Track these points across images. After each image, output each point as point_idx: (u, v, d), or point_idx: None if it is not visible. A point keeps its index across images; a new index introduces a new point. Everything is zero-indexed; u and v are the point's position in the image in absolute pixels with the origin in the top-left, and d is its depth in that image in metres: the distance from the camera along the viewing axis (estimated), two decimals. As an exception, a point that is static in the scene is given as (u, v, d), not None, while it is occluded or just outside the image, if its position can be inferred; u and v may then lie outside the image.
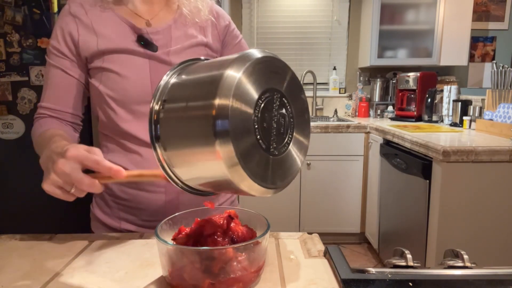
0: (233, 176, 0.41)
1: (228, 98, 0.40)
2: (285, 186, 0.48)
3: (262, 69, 0.44)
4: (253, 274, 0.50)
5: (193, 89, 0.47)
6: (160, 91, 0.49)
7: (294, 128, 0.49)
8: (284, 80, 0.48)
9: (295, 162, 0.49)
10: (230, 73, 0.42)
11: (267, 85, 0.45)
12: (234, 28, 0.90)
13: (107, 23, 0.78)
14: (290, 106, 0.48)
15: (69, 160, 0.53)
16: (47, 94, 0.80)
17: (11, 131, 2.06)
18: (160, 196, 0.79)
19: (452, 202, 1.66)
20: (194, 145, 0.44)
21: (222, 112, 0.40)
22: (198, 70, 0.49)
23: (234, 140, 0.40)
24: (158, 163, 0.48)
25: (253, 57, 0.44)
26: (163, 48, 0.79)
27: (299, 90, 0.51)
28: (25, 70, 2.02)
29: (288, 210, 2.72)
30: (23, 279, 0.54)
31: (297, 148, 0.50)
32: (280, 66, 0.47)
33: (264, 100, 0.44)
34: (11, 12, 1.97)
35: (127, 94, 0.76)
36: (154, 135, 0.48)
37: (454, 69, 3.20)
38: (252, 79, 0.43)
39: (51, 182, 0.54)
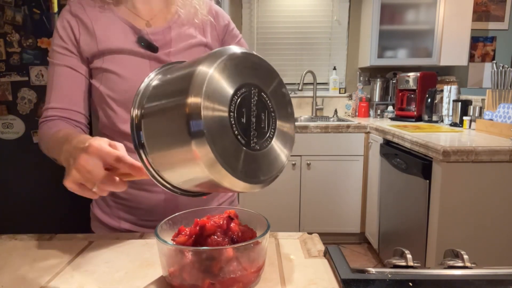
0: (214, 175, 0.41)
1: (200, 95, 0.39)
2: (271, 180, 0.47)
3: (236, 65, 0.43)
4: (253, 274, 0.50)
5: (167, 89, 0.46)
6: (140, 95, 0.49)
7: (276, 121, 0.48)
8: (262, 75, 0.47)
9: (279, 156, 0.48)
10: (201, 70, 0.41)
11: (243, 80, 0.44)
12: (234, 27, 0.90)
13: (107, 23, 0.78)
14: (270, 100, 0.48)
15: (91, 155, 0.51)
16: (53, 95, 0.77)
17: (11, 131, 2.06)
18: (159, 196, 0.79)
19: (452, 202, 1.65)
20: (173, 148, 0.43)
21: (194, 111, 0.39)
22: (175, 71, 0.49)
23: (210, 139, 0.39)
24: (145, 169, 0.48)
25: (226, 53, 0.43)
26: (163, 49, 0.79)
27: (279, 84, 0.50)
28: (25, 70, 2.02)
29: (288, 210, 2.72)
30: (23, 279, 0.54)
31: (281, 142, 0.49)
32: (256, 61, 0.47)
33: (240, 95, 0.43)
34: (11, 12, 1.97)
35: (128, 95, 0.76)
36: (138, 142, 0.47)
37: (454, 69, 3.20)
38: (225, 74, 0.42)
39: (73, 179, 0.52)
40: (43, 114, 0.78)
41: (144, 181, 0.78)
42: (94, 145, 0.52)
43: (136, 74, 0.76)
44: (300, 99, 3.28)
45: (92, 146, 0.52)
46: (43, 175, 2.03)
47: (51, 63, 0.79)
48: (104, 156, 0.52)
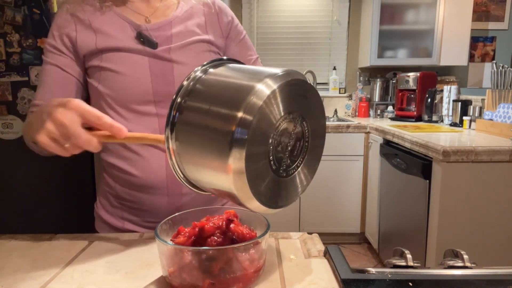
0: (238, 191, 0.42)
1: (253, 114, 0.40)
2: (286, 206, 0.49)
3: (291, 91, 0.44)
4: (253, 274, 0.50)
5: (219, 94, 0.47)
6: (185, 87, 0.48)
7: (307, 153, 0.49)
8: (309, 104, 0.48)
9: (300, 185, 0.50)
10: (260, 89, 0.41)
11: (292, 107, 0.45)
12: (238, 24, 0.88)
13: (106, 20, 0.77)
14: (308, 130, 0.48)
15: (69, 110, 0.50)
16: (40, 92, 0.77)
17: (11, 131, 2.06)
18: (162, 198, 0.79)
19: (452, 202, 1.65)
20: (207, 152, 0.44)
21: (243, 127, 0.40)
22: (227, 75, 0.49)
23: (248, 158, 0.40)
24: (167, 151, 0.48)
25: (286, 77, 0.44)
26: (163, 45, 0.77)
27: (321, 115, 0.51)
28: (25, 70, 2.02)
29: (288, 210, 2.71)
30: (23, 279, 0.54)
31: (305, 171, 0.50)
32: (309, 89, 0.47)
33: (285, 121, 0.44)
34: (11, 12, 1.97)
35: (127, 93, 0.75)
36: (171, 128, 0.47)
37: (454, 69, 3.20)
38: (280, 98, 0.43)
39: (47, 132, 0.50)
40: (29, 109, 0.78)
41: (148, 183, 0.77)
42: (74, 102, 0.51)
43: (135, 72, 0.75)
44: (300, 99, 3.28)
45: (71, 102, 0.51)
46: (43, 175, 2.03)
47: (44, 60, 0.78)
48: (83, 113, 0.51)
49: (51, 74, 0.77)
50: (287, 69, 0.46)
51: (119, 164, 0.79)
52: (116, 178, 0.81)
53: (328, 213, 2.72)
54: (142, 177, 0.77)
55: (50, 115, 0.51)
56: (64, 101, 0.51)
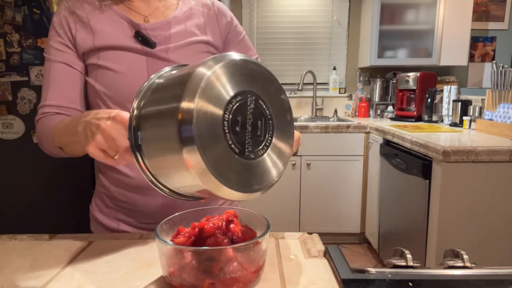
0: (206, 184, 0.40)
1: (193, 101, 0.38)
2: (267, 188, 0.46)
3: (234, 72, 0.43)
4: (253, 274, 0.50)
5: (164, 93, 0.46)
6: (140, 96, 0.48)
7: (273, 130, 0.47)
8: (260, 82, 0.46)
9: (275, 165, 0.47)
10: (197, 75, 0.40)
11: (239, 87, 0.43)
12: (237, 24, 0.88)
13: (104, 19, 0.76)
14: (267, 108, 0.47)
15: (117, 123, 0.51)
16: (50, 92, 0.75)
17: (11, 131, 2.06)
18: (157, 200, 0.79)
19: (452, 202, 1.65)
20: (167, 154, 0.42)
21: (186, 117, 0.38)
22: (174, 74, 0.48)
23: (201, 146, 0.38)
24: (141, 172, 0.47)
25: (224, 59, 0.42)
26: (161, 45, 0.77)
27: (278, 91, 0.49)
28: (25, 70, 2.02)
29: (288, 210, 2.71)
30: (23, 279, 0.54)
31: (278, 150, 0.48)
32: (255, 68, 0.46)
33: (236, 103, 0.42)
34: (11, 12, 1.97)
35: (123, 92, 0.74)
36: (135, 143, 0.46)
37: (454, 69, 3.20)
38: (221, 81, 0.41)
39: (96, 144, 0.52)
40: (40, 111, 0.76)
41: (142, 184, 0.77)
42: (120, 114, 0.52)
43: (132, 71, 0.75)
44: (300, 99, 3.28)
45: (119, 115, 0.52)
46: (43, 175, 2.03)
47: (47, 59, 0.77)
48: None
49: (60, 72, 0.76)
50: (234, 52, 0.45)
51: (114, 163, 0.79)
52: (111, 179, 0.81)
53: (328, 213, 2.72)
54: (136, 178, 0.77)
55: (99, 128, 0.52)
56: (112, 114, 0.53)
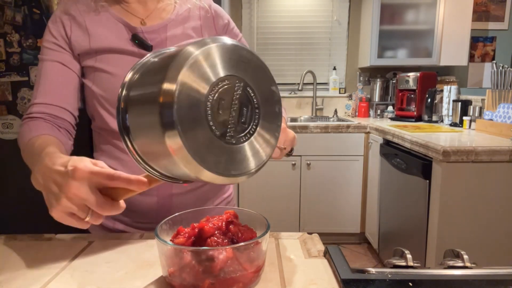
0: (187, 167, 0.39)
1: (174, 81, 0.37)
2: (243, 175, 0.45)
3: (223, 55, 0.42)
4: (253, 274, 0.50)
5: (150, 74, 0.45)
6: (130, 77, 0.47)
7: (259, 119, 0.46)
8: (251, 70, 0.45)
9: (258, 153, 0.47)
10: (185, 53, 0.39)
11: (227, 71, 0.42)
12: (234, 27, 0.89)
13: (101, 22, 0.76)
14: (255, 96, 0.46)
15: (81, 182, 0.46)
16: (40, 90, 0.73)
17: (11, 131, 2.06)
18: (152, 199, 0.79)
19: (452, 202, 1.65)
20: (151, 137, 0.42)
21: (167, 99, 0.37)
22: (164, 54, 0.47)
23: (182, 130, 0.37)
24: (130, 154, 0.46)
25: (214, 41, 0.41)
26: (157, 48, 0.77)
27: (269, 82, 0.48)
28: (25, 70, 2.02)
29: (288, 210, 2.71)
30: (23, 279, 0.54)
31: (261, 140, 0.47)
32: (246, 55, 0.45)
33: (221, 86, 0.41)
34: (11, 12, 1.97)
35: None
36: (123, 125, 0.46)
37: (454, 69, 3.20)
38: (208, 62, 0.40)
39: (62, 209, 0.46)
40: (28, 110, 0.74)
41: None
42: (81, 169, 0.46)
43: None
44: (300, 99, 3.28)
45: (78, 170, 0.46)
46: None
47: (41, 59, 0.76)
48: (96, 178, 0.46)
49: (53, 71, 0.75)
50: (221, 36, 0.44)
51: (110, 164, 0.78)
52: None
53: (328, 213, 2.72)
54: None
55: (63, 190, 0.46)
56: (70, 170, 0.47)
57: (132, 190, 0.48)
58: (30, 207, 2.11)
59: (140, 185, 0.47)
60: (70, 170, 0.47)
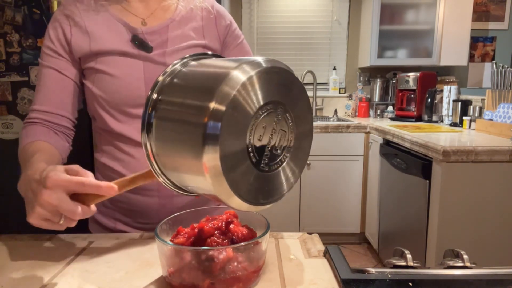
0: (216, 189, 0.39)
1: (225, 103, 0.37)
2: (269, 204, 0.46)
3: (270, 79, 0.41)
4: (253, 274, 0.50)
5: (193, 85, 0.44)
6: (161, 82, 0.47)
7: (292, 147, 0.46)
8: (292, 94, 0.44)
9: (286, 182, 0.46)
10: (235, 76, 0.39)
11: (272, 96, 0.42)
12: (236, 28, 0.88)
13: (101, 23, 0.76)
14: (292, 122, 0.45)
15: (53, 189, 0.48)
16: (39, 96, 0.76)
17: (11, 131, 2.06)
18: (153, 200, 0.79)
19: (452, 202, 1.65)
20: (182, 150, 0.41)
21: (215, 119, 0.37)
22: (204, 66, 0.46)
23: (223, 153, 0.37)
24: (147, 158, 0.46)
25: (263, 65, 0.41)
26: (158, 49, 0.77)
27: (306, 108, 0.47)
28: (25, 70, 2.02)
29: (288, 210, 2.71)
30: (23, 279, 0.54)
31: (291, 168, 0.47)
32: (291, 79, 0.44)
33: (265, 112, 0.41)
34: (11, 12, 1.97)
35: (120, 97, 0.74)
36: (147, 129, 0.45)
37: (454, 69, 3.20)
38: (257, 86, 0.40)
39: (37, 216, 0.49)
40: (28, 115, 0.77)
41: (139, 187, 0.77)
42: (51, 177, 0.48)
43: (129, 75, 0.75)
44: (300, 99, 3.27)
45: (49, 179, 0.48)
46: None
47: (40, 63, 0.78)
48: (66, 186, 0.49)
49: (49, 78, 0.76)
50: (269, 57, 0.44)
51: (112, 165, 0.79)
52: (108, 179, 0.81)
53: (328, 213, 2.72)
54: None
55: (36, 197, 0.49)
56: (43, 178, 0.49)
57: (101, 195, 0.51)
58: (30, 207, 2.11)
59: (110, 191, 0.50)
60: (43, 178, 0.49)
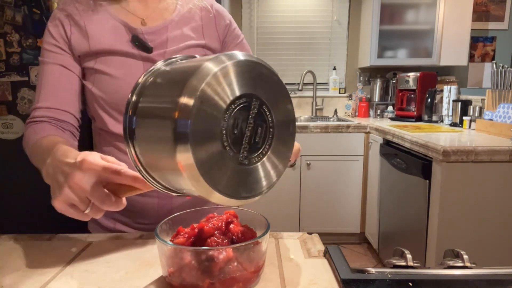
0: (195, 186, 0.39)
1: (193, 96, 0.37)
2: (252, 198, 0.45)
3: (242, 72, 0.41)
4: (253, 274, 0.50)
5: (168, 82, 0.44)
6: (141, 83, 0.46)
7: (273, 139, 0.45)
8: (268, 87, 0.44)
9: (267, 176, 0.46)
10: (205, 67, 0.38)
11: (245, 90, 0.41)
12: (235, 28, 0.87)
13: (101, 23, 0.75)
14: (271, 115, 0.45)
15: (85, 172, 0.46)
16: (42, 93, 0.73)
17: (11, 131, 2.06)
18: (153, 200, 0.78)
19: (452, 202, 1.65)
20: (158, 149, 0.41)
21: (185, 111, 0.36)
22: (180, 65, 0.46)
23: (194, 144, 0.37)
24: (133, 163, 0.45)
25: (234, 58, 0.40)
26: (158, 49, 0.76)
27: (285, 100, 0.47)
28: (25, 70, 2.02)
29: (288, 210, 2.71)
30: (23, 279, 0.54)
31: (273, 161, 0.46)
32: (265, 72, 0.44)
33: (238, 105, 0.40)
34: (11, 12, 1.97)
35: (120, 97, 0.74)
36: (128, 133, 0.45)
37: (454, 69, 3.20)
38: (227, 80, 0.39)
39: (64, 199, 0.47)
40: (31, 115, 0.74)
41: None
42: (88, 160, 0.47)
43: (129, 75, 0.74)
44: (300, 99, 3.28)
45: (86, 161, 0.46)
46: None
47: (42, 62, 0.76)
48: (101, 172, 0.47)
49: (54, 74, 0.74)
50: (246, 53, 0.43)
51: None
52: None
53: (328, 213, 2.72)
54: None
55: (67, 179, 0.46)
56: (78, 161, 0.47)
57: (136, 188, 0.48)
58: (30, 207, 2.11)
59: (146, 184, 0.47)
60: (78, 161, 0.47)
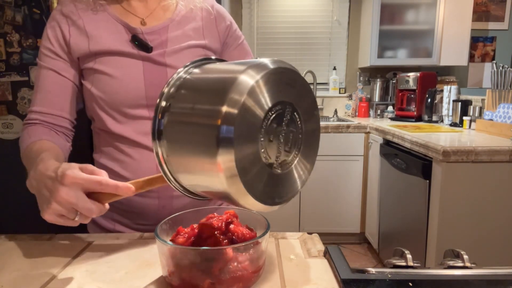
0: (231, 189, 0.40)
1: (237, 106, 0.38)
2: (284, 202, 0.46)
3: (278, 80, 0.42)
4: (253, 274, 0.50)
5: (202, 90, 0.45)
6: (169, 88, 0.48)
7: (302, 145, 0.47)
8: (297, 93, 0.45)
9: (299, 179, 0.47)
10: (243, 80, 0.40)
11: (280, 97, 0.42)
12: (236, 29, 0.87)
13: (100, 23, 0.75)
14: (301, 122, 0.46)
15: (70, 187, 0.49)
16: (38, 98, 0.75)
17: (11, 131, 2.06)
18: (153, 201, 0.78)
19: (452, 202, 1.65)
20: (195, 154, 0.42)
21: (227, 121, 0.38)
22: (210, 71, 0.48)
23: (237, 155, 0.38)
24: (158, 163, 0.47)
25: (270, 66, 0.42)
26: (158, 49, 0.76)
27: (312, 105, 0.48)
28: (25, 70, 2.02)
29: (288, 210, 2.71)
30: (23, 279, 0.54)
31: (302, 166, 0.48)
32: (295, 78, 0.45)
33: (274, 112, 0.42)
34: (11, 12, 1.97)
35: (119, 97, 0.74)
36: (157, 135, 0.47)
37: (454, 69, 3.20)
38: (265, 88, 0.41)
39: (53, 212, 0.51)
40: (27, 116, 0.76)
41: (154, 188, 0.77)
42: (69, 175, 0.50)
43: (128, 76, 0.74)
44: (300, 99, 3.28)
45: (67, 176, 0.50)
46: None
47: (39, 64, 0.77)
48: (84, 184, 0.50)
49: (48, 79, 0.76)
50: (272, 58, 0.44)
51: (111, 166, 0.78)
52: None
53: (328, 213, 2.72)
54: (132, 179, 0.77)
55: (53, 195, 0.50)
56: (59, 176, 0.50)
57: (117, 195, 0.52)
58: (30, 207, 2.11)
59: (127, 191, 0.51)
60: (59, 176, 0.50)
